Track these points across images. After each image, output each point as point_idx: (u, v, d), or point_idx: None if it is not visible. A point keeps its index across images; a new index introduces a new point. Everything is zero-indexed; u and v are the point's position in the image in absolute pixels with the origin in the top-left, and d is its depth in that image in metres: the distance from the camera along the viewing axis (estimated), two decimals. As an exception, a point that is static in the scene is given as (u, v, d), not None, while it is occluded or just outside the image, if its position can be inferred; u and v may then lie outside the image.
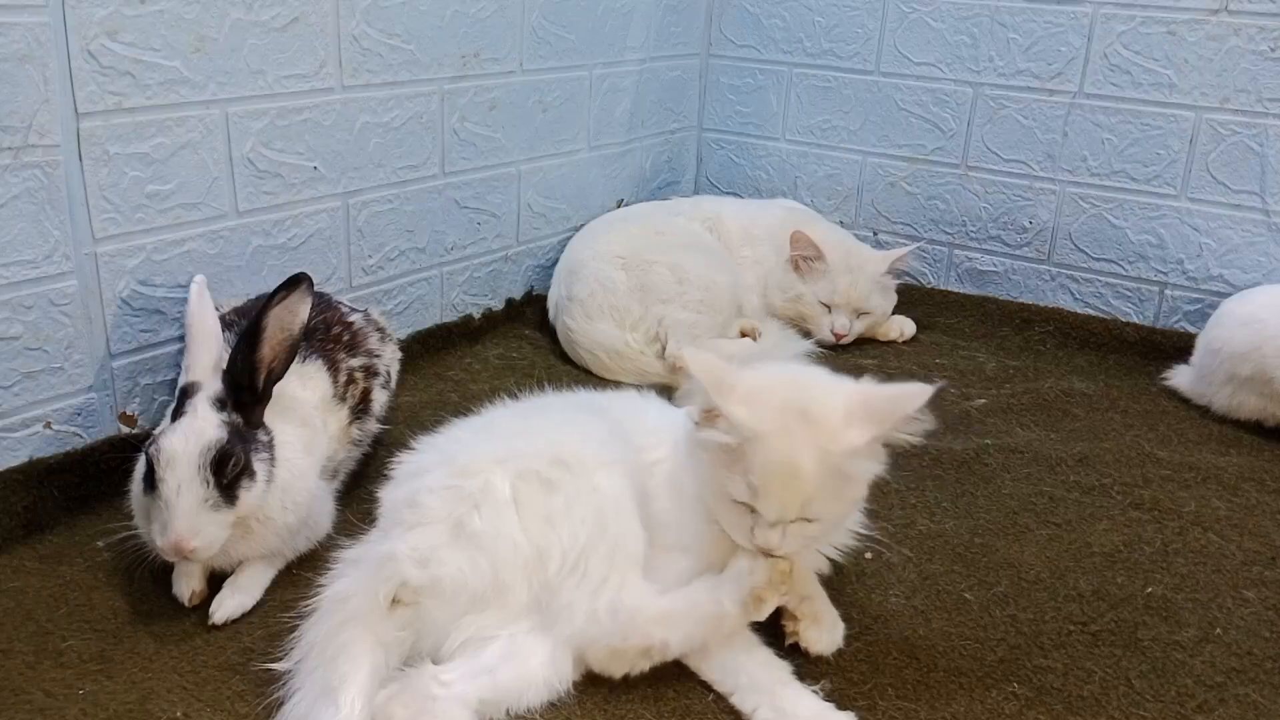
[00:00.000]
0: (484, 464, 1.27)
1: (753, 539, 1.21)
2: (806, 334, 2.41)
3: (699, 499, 1.28)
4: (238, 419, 1.36)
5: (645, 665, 1.24)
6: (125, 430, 1.68)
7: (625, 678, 1.25)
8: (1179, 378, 2.21)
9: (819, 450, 1.17)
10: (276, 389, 1.42)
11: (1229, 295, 2.20)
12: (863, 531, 1.40)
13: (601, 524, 1.25)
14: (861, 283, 2.37)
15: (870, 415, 1.18)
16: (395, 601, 1.19)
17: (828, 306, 2.39)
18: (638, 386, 1.70)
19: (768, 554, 1.22)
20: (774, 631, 1.33)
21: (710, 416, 1.22)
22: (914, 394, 1.18)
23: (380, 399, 1.72)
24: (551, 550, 1.23)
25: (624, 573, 1.24)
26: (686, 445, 1.30)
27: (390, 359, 1.79)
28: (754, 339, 2.34)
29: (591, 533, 1.24)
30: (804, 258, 2.38)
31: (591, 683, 1.25)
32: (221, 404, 1.36)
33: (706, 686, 1.27)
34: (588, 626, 1.21)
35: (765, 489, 1.18)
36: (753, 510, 1.20)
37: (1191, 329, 2.33)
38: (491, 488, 1.24)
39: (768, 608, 1.24)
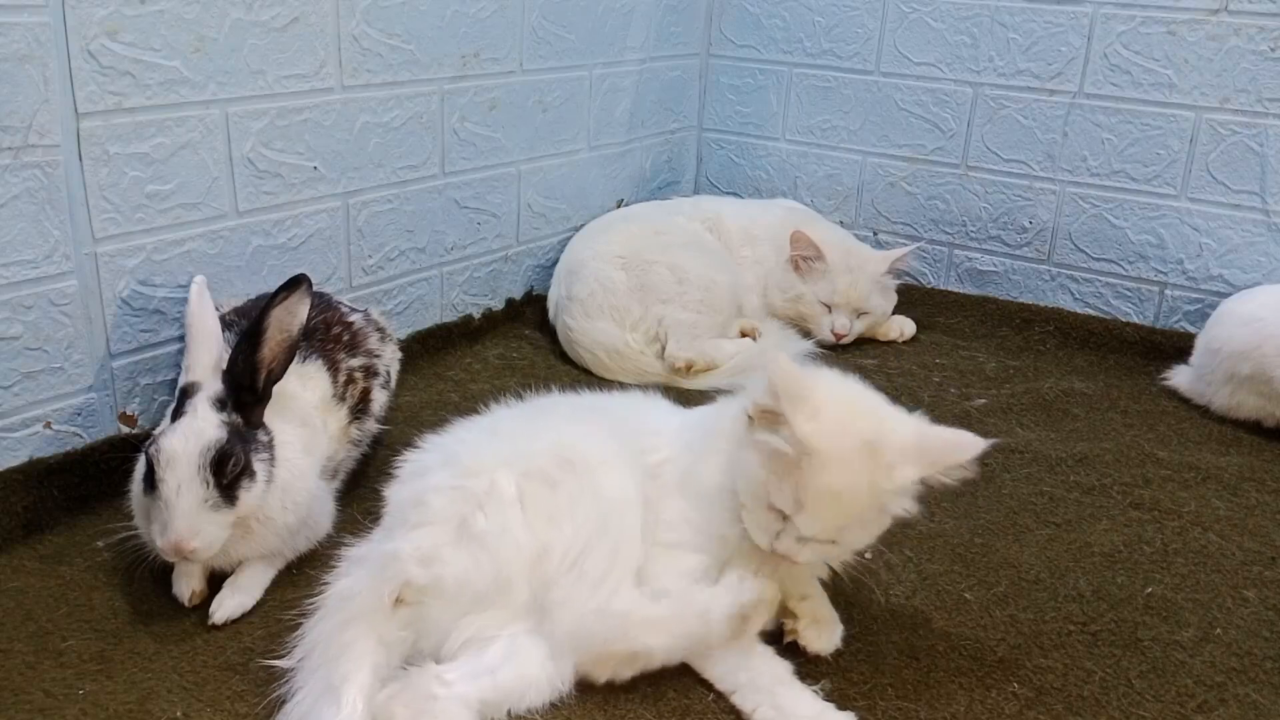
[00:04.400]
0: (489, 464, 1.27)
1: (774, 543, 1.21)
2: (806, 334, 2.41)
3: (716, 499, 1.28)
4: (238, 419, 1.36)
5: (629, 672, 1.24)
6: (125, 430, 1.68)
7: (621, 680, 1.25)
8: (1179, 378, 2.21)
9: (872, 483, 1.18)
10: (276, 389, 1.42)
11: (1229, 295, 2.20)
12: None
13: (604, 525, 1.25)
14: (861, 283, 2.37)
15: (923, 455, 1.19)
16: (398, 601, 1.19)
17: (828, 306, 2.39)
18: (640, 386, 1.70)
19: (782, 558, 1.22)
20: (774, 631, 1.33)
21: (770, 419, 1.21)
22: (969, 444, 1.19)
23: (380, 399, 1.72)
24: (553, 547, 1.23)
25: (619, 577, 1.24)
26: (734, 437, 1.29)
27: (390, 359, 1.79)
28: (754, 339, 2.34)
29: (593, 532, 1.24)
30: (804, 258, 2.38)
31: (591, 683, 1.25)
32: (221, 404, 1.36)
33: (707, 686, 1.27)
34: (575, 627, 1.21)
35: (811, 507, 1.18)
36: (784, 518, 1.20)
37: (1191, 329, 2.33)
38: (497, 488, 1.25)
39: (753, 627, 1.24)
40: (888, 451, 1.18)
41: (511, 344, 2.35)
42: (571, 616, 1.21)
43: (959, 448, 1.19)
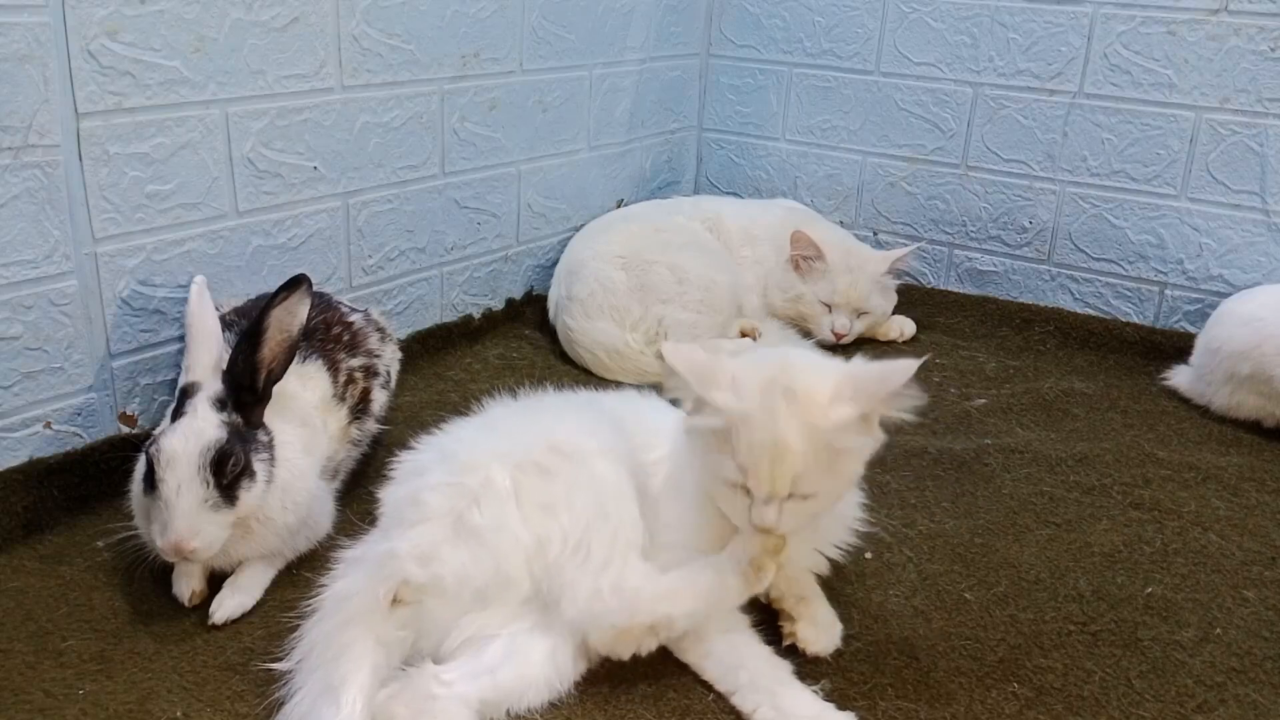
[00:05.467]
0: (484, 460, 1.27)
1: (750, 520, 1.21)
2: (807, 334, 2.41)
3: (700, 491, 1.29)
4: (238, 419, 1.36)
5: (652, 644, 1.23)
6: (125, 430, 1.68)
7: (626, 677, 1.25)
8: (1178, 378, 2.21)
9: (805, 426, 1.17)
10: (276, 389, 1.42)
11: (1229, 295, 2.20)
12: (863, 528, 1.41)
13: (602, 508, 1.25)
14: (861, 283, 2.37)
15: (857, 391, 1.19)
16: (396, 600, 1.19)
17: (828, 306, 2.39)
18: (638, 386, 1.70)
19: (766, 532, 1.22)
20: (774, 631, 1.33)
21: (699, 405, 1.23)
22: (901, 369, 1.18)
23: (380, 399, 1.72)
24: (552, 536, 1.23)
25: (625, 555, 1.24)
26: (682, 435, 1.31)
27: (390, 359, 1.79)
28: (754, 339, 2.34)
29: (593, 516, 1.24)
30: (804, 257, 2.38)
31: (592, 683, 1.25)
32: (221, 404, 1.36)
33: (707, 686, 1.27)
34: (592, 604, 1.21)
35: (754, 467, 1.18)
36: (747, 490, 1.20)
37: (1191, 329, 2.33)
38: (492, 482, 1.25)
39: (767, 576, 1.25)
40: (814, 394, 1.18)
41: (511, 344, 2.35)
42: (584, 598, 1.21)
43: (893, 373, 1.18)
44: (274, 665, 1.22)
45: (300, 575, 1.45)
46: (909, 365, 1.18)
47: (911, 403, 1.21)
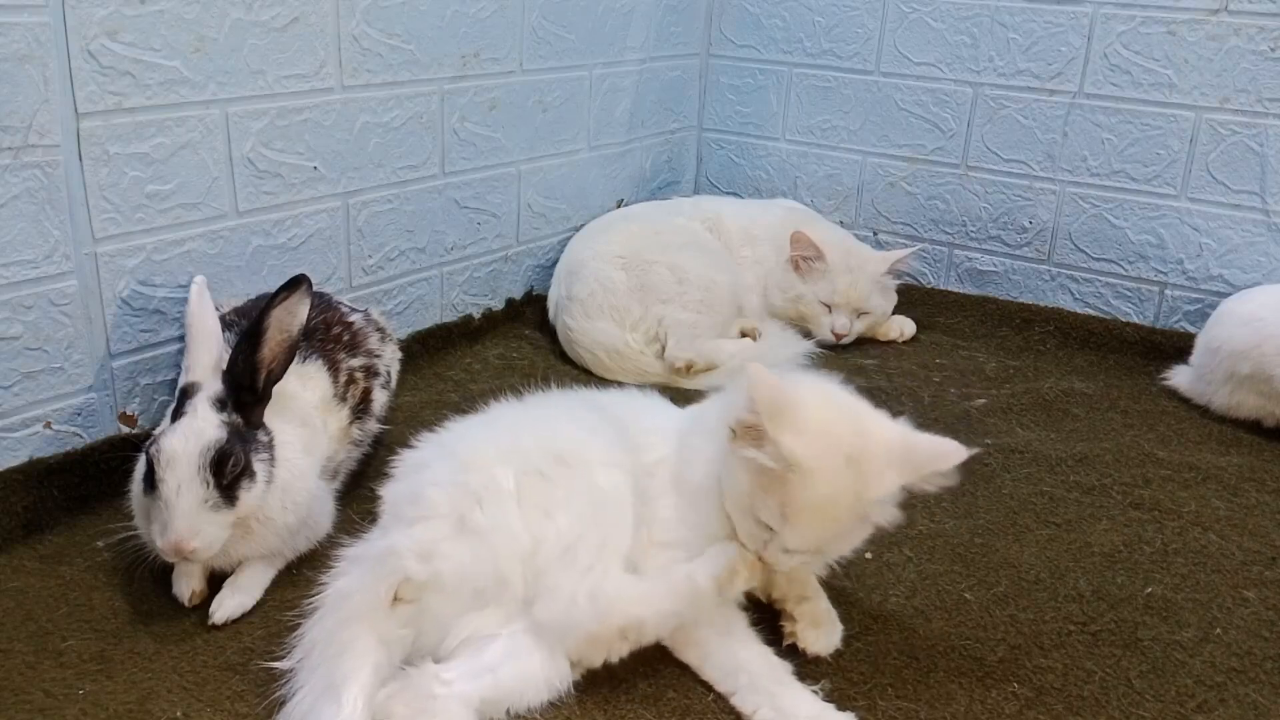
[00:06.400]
0: (488, 459, 1.28)
1: (761, 551, 1.24)
2: (806, 334, 2.41)
3: (711, 492, 1.29)
4: (238, 419, 1.36)
5: (624, 649, 1.23)
6: (125, 430, 1.68)
7: (626, 677, 1.25)
8: (1178, 378, 2.21)
9: (855, 495, 1.19)
10: (276, 389, 1.42)
11: (1229, 295, 2.20)
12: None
13: (596, 517, 1.26)
14: (861, 283, 2.37)
15: (905, 463, 1.20)
16: (398, 598, 1.19)
17: (828, 306, 2.39)
18: (640, 387, 1.70)
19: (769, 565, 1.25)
20: (774, 631, 1.33)
21: (753, 433, 1.21)
22: (951, 453, 1.20)
23: (380, 399, 1.72)
24: (546, 538, 1.23)
25: (608, 564, 1.24)
26: (717, 448, 1.29)
27: (390, 359, 1.79)
28: (754, 339, 2.34)
29: (586, 524, 1.24)
30: (804, 258, 2.38)
31: (592, 683, 1.25)
32: (221, 404, 1.36)
33: (707, 686, 1.27)
34: (567, 611, 1.21)
35: (796, 521, 1.19)
36: (770, 529, 1.22)
37: (1191, 329, 2.33)
38: (495, 482, 1.25)
39: (741, 582, 1.25)
40: (871, 461, 1.19)
41: (511, 344, 2.35)
42: (561, 605, 1.21)
43: (942, 456, 1.20)
44: (275, 664, 1.22)
45: (300, 574, 1.45)
46: (959, 451, 1.19)
47: (946, 482, 1.22)
